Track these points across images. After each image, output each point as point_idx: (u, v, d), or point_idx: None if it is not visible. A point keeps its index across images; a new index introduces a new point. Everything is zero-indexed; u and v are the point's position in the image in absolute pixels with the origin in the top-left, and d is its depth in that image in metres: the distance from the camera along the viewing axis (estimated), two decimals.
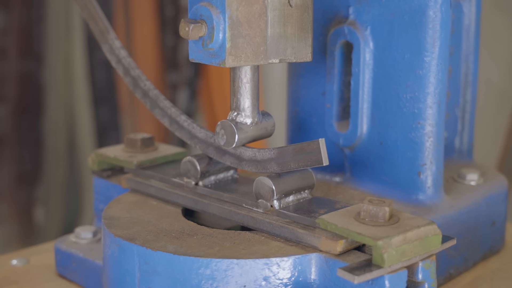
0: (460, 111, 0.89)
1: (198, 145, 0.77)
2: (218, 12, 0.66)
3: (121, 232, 0.69)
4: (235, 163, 0.74)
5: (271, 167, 0.71)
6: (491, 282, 0.79)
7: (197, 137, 0.77)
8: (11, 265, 0.85)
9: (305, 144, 0.69)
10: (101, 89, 1.98)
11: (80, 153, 2.10)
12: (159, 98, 0.79)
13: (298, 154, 0.69)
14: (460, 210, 0.78)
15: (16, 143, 1.97)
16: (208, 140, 0.76)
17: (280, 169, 0.71)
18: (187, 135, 0.78)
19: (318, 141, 0.67)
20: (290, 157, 0.70)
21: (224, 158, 0.75)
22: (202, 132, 0.76)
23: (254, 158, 0.72)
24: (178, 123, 0.78)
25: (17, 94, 1.95)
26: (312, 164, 0.68)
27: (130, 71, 0.81)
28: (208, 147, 0.76)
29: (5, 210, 1.97)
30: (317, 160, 0.68)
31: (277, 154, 0.71)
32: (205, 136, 0.76)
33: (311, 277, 0.64)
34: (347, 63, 0.81)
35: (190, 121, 0.77)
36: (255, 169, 0.72)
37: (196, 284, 0.63)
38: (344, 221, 0.64)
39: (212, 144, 0.75)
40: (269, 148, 0.71)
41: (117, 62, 0.82)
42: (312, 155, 0.68)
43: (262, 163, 0.72)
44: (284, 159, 0.70)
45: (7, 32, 1.91)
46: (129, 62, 0.81)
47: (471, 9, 0.87)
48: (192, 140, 0.77)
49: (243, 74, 0.71)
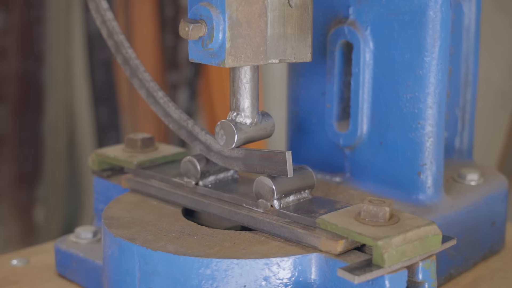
0: (460, 111, 0.89)
1: (171, 124, 0.78)
2: (218, 12, 0.66)
3: (121, 232, 0.69)
4: (204, 151, 0.75)
5: (237, 165, 0.72)
6: (491, 282, 0.79)
7: (171, 116, 0.78)
8: (11, 265, 0.85)
9: (273, 153, 0.69)
10: (101, 89, 1.98)
11: (80, 153, 2.10)
12: (139, 69, 0.79)
13: (265, 161, 0.70)
14: (460, 210, 0.78)
15: (16, 143, 1.97)
16: (181, 122, 0.77)
17: (246, 169, 0.72)
18: (162, 112, 0.78)
19: (285, 153, 0.68)
20: (257, 161, 0.71)
21: (194, 143, 0.76)
22: (176, 113, 0.77)
23: (222, 152, 0.73)
24: (154, 98, 0.79)
25: (17, 94, 1.95)
26: (277, 173, 0.69)
27: (113, 35, 0.80)
28: (180, 129, 0.77)
29: (5, 210, 1.97)
30: (282, 170, 0.69)
31: (244, 155, 0.72)
32: (179, 118, 0.77)
33: (311, 277, 0.64)
34: (347, 63, 0.81)
35: (167, 99, 0.78)
36: (222, 163, 0.74)
37: (196, 284, 0.63)
38: (344, 221, 0.64)
39: (184, 127, 0.76)
40: (239, 148, 0.72)
41: (102, 22, 0.81)
42: (278, 165, 0.69)
43: (228, 159, 0.73)
44: (250, 161, 0.71)
45: (7, 32, 1.91)
46: (114, 26, 0.80)
47: (471, 9, 0.86)
48: (166, 118, 0.78)
49: (243, 74, 0.71)
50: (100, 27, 0.81)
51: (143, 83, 0.79)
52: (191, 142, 0.76)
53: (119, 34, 0.80)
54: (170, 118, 0.78)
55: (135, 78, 0.80)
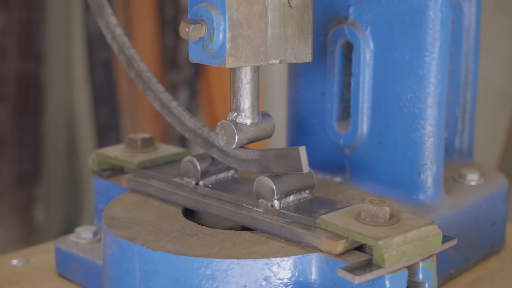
0: (460, 111, 0.89)
1: (187, 133, 0.77)
2: (218, 13, 0.67)
3: (122, 232, 0.69)
4: (221, 157, 0.75)
5: (255, 168, 0.72)
6: (491, 282, 0.79)
7: (186, 126, 0.77)
8: (11, 265, 0.85)
9: (287, 150, 0.69)
10: (101, 89, 1.98)
11: (80, 153, 2.10)
12: (152, 81, 0.79)
13: (280, 159, 0.70)
14: (460, 210, 0.78)
15: (16, 143, 1.97)
16: (197, 130, 0.76)
17: (262, 171, 0.71)
18: (177, 122, 0.78)
19: (298, 149, 0.68)
20: (272, 161, 0.71)
21: (211, 150, 0.75)
22: (191, 121, 0.77)
23: (238, 157, 0.73)
24: (168, 108, 0.79)
25: (17, 94, 1.95)
26: (293, 170, 0.69)
27: (124, 50, 0.81)
28: (196, 137, 0.76)
29: (5, 210, 1.97)
30: (297, 167, 0.69)
31: (260, 156, 0.71)
32: (193, 126, 0.77)
33: (312, 277, 0.64)
34: (347, 63, 0.81)
35: (181, 109, 0.78)
36: (239, 167, 0.74)
37: (197, 284, 0.63)
38: (344, 221, 0.64)
39: (200, 135, 0.76)
40: (253, 149, 0.72)
41: (112, 39, 0.81)
42: (292, 162, 0.69)
43: (245, 162, 0.73)
44: (266, 162, 0.71)
45: (7, 32, 1.91)
46: (124, 41, 0.81)
47: (471, 9, 0.87)
48: (182, 128, 0.78)
49: (243, 75, 0.71)
50: (111, 43, 0.82)
51: (157, 94, 0.79)
52: (208, 149, 0.75)
53: (130, 49, 0.80)
54: (186, 127, 0.77)
55: (148, 91, 0.80)
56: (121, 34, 0.81)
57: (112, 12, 0.82)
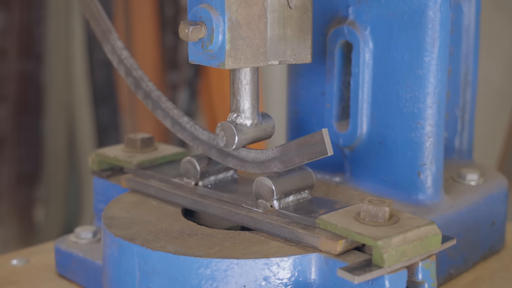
0: (460, 111, 0.89)
1: (201, 147, 0.76)
2: (218, 14, 0.67)
3: (121, 232, 0.69)
4: (239, 165, 0.74)
5: (275, 166, 0.71)
6: (491, 282, 0.79)
7: (199, 139, 0.77)
8: (11, 265, 0.85)
9: (308, 137, 0.68)
10: (101, 89, 1.98)
11: (80, 153, 2.10)
12: (161, 99, 0.79)
13: (302, 148, 0.69)
14: (460, 210, 0.78)
15: (16, 143, 1.97)
16: (211, 142, 0.76)
17: (284, 167, 0.70)
18: (189, 137, 0.77)
19: (322, 131, 0.67)
20: (294, 152, 0.69)
21: (227, 160, 0.75)
22: (204, 134, 0.76)
23: (257, 159, 0.72)
24: (180, 124, 0.78)
25: (17, 94, 1.95)
26: (317, 156, 0.68)
27: (132, 72, 0.81)
28: (210, 149, 0.76)
29: (5, 210, 1.97)
30: (321, 151, 0.67)
31: (281, 151, 0.70)
32: (207, 138, 0.76)
33: (311, 277, 0.64)
34: (346, 63, 0.81)
35: (193, 123, 0.77)
36: (259, 170, 0.72)
37: (196, 284, 0.63)
38: (344, 221, 0.64)
39: (215, 146, 0.75)
40: (272, 147, 0.71)
41: (119, 62, 0.82)
42: (316, 147, 0.68)
43: (265, 163, 0.72)
44: (288, 155, 0.70)
45: (7, 32, 1.91)
46: (131, 63, 0.81)
47: (471, 9, 0.87)
48: (195, 142, 0.77)
49: (243, 75, 0.71)
50: (118, 67, 0.82)
51: (167, 112, 0.78)
52: (223, 160, 0.75)
53: (138, 70, 0.80)
54: (199, 141, 0.76)
55: (158, 110, 0.79)
56: (128, 57, 0.81)
57: (118, 36, 0.82)
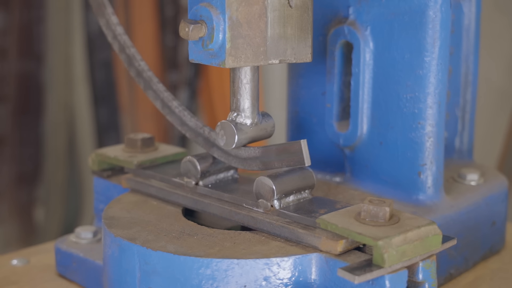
0: (460, 111, 0.89)
1: (188, 133, 0.78)
2: (218, 13, 0.67)
3: (122, 232, 0.69)
4: (222, 157, 0.75)
5: (256, 165, 0.72)
6: (491, 282, 0.79)
7: (187, 125, 0.78)
8: (11, 265, 0.85)
9: (288, 145, 0.70)
10: (101, 89, 1.98)
11: (80, 153, 2.10)
12: (153, 80, 0.79)
13: (281, 154, 0.70)
14: (460, 210, 0.78)
15: (16, 143, 1.97)
16: (198, 130, 0.76)
17: (264, 168, 0.72)
18: (178, 121, 0.78)
19: (300, 142, 0.69)
20: (274, 156, 0.71)
21: (212, 150, 0.76)
22: (192, 121, 0.77)
23: (240, 155, 0.73)
24: (169, 108, 0.78)
25: (17, 94, 1.95)
26: (295, 165, 0.70)
27: (125, 49, 0.81)
28: (197, 136, 0.77)
29: (5, 210, 1.98)
30: (299, 160, 0.69)
31: (262, 153, 0.72)
32: (195, 126, 0.77)
33: (312, 277, 0.64)
34: (347, 63, 0.81)
35: (182, 108, 0.78)
36: (241, 166, 0.74)
37: (197, 284, 0.63)
38: (344, 221, 0.64)
39: (201, 134, 0.76)
40: (254, 147, 0.72)
41: (113, 38, 0.81)
42: (294, 156, 0.69)
43: (247, 161, 0.73)
44: (268, 158, 0.71)
45: (7, 32, 1.91)
46: (125, 40, 0.81)
47: (471, 9, 0.87)
48: (183, 127, 0.78)
49: (243, 74, 0.71)
50: (112, 42, 0.82)
51: (158, 94, 0.79)
52: (209, 149, 0.76)
53: (131, 48, 0.80)
54: (187, 126, 0.77)
55: (149, 90, 0.80)
56: (122, 33, 0.81)
57: (113, 11, 0.82)
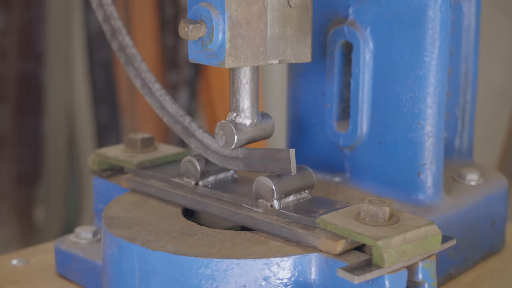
0: (460, 111, 0.89)
1: (166, 118, 0.77)
2: (218, 13, 0.67)
3: (121, 232, 0.69)
4: (200, 149, 0.75)
5: (237, 165, 0.72)
6: (491, 282, 0.79)
7: (166, 110, 0.77)
8: (11, 265, 0.85)
9: (275, 151, 0.70)
10: (101, 89, 1.98)
11: (80, 153, 2.10)
12: (136, 58, 0.78)
13: (266, 159, 0.70)
14: (460, 210, 0.78)
15: (16, 143, 1.97)
16: (178, 117, 0.76)
17: (246, 169, 0.72)
18: (157, 104, 0.78)
19: (289, 151, 0.69)
20: (257, 160, 0.71)
21: (190, 140, 0.75)
22: (173, 107, 0.76)
23: (220, 152, 0.73)
24: (150, 89, 0.78)
25: (17, 94, 1.95)
26: (280, 172, 0.70)
27: (110, 21, 0.79)
28: (175, 124, 0.76)
29: (5, 210, 1.98)
30: (285, 168, 0.69)
31: (244, 154, 0.72)
32: (175, 113, 0.76)
33: (311, 277, 0.64)
34: (347, 63, 0.81)
35: (163, 92, 0.77)
36: (219, 162, 0.74)
37: (196, 284, 0.63)
38: (344, 221, 0.64)
39: (180, 122, 0.76)
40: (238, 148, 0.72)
41: (98, 5, 0.80)
42: (281, 163, 0.69)
43: (227, 159, 0.73)
44: (251, 160, 0.71)
45: (7, 32, 1.91)
46: (112, 11, 0.79)
47: (471, 9, 0.87)
48: (161, 111, 0.77)
49: (243, 75, 0.71)
50: (96, 10, 0.79)
51: (139, 72, 0.78)
52: (187, 139, 0.75)
53: (117, 20, 0.79)
54: (166, 111, 0.77)
55: (130, 66, 0.78)
56: (108, 3, 0.79)
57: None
